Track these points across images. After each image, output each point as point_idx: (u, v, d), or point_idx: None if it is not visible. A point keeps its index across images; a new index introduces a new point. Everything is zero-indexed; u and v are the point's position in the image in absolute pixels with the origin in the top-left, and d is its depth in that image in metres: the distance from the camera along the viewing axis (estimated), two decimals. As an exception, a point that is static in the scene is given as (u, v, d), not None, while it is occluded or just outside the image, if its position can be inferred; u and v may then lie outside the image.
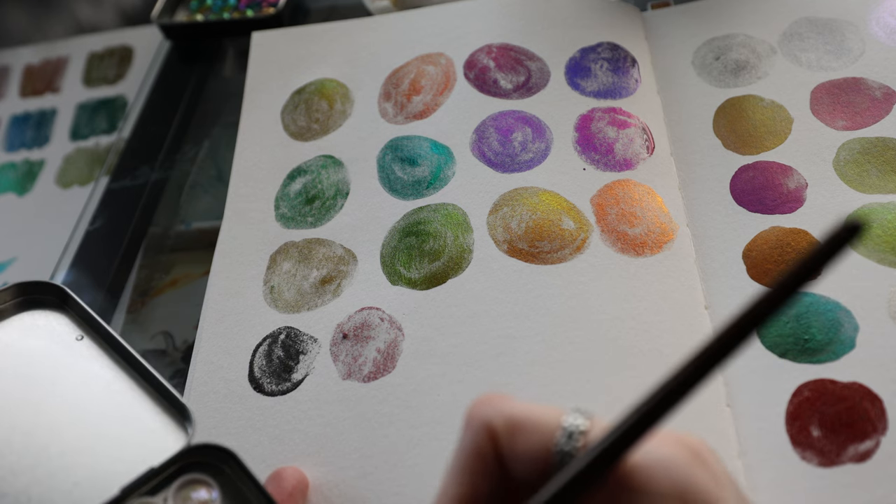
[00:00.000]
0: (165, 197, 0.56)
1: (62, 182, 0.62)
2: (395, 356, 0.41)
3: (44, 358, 0.35)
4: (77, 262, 0.53)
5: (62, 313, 0.36)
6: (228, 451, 0.31)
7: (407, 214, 0.46)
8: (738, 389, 0.38)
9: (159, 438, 0.33)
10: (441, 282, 0.43)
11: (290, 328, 0.43)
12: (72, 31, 0.74)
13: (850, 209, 0.43)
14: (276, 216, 0.49)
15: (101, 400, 0.34)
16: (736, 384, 0.38)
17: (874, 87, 0.47)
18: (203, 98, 0.62)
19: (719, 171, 0.46)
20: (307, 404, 0.40)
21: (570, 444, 0.25)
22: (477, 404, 0.28)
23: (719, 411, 0.37)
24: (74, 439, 0.32)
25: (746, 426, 0.37)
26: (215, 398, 0.42)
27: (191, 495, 0.31)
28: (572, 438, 0.26)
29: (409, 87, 0.53)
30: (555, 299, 0.41)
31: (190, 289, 0.50)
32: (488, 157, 0.48)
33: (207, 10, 0.66)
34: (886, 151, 0.45)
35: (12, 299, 0.36)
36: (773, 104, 0.48)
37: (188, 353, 0.45)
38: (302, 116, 0.53)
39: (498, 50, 0.53)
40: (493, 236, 0.44)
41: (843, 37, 0.50)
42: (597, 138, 0.47)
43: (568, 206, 0.45)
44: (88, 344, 0.35)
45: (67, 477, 0.31)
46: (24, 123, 0.67)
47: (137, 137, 0.61)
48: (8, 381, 0.34)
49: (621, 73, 0.50)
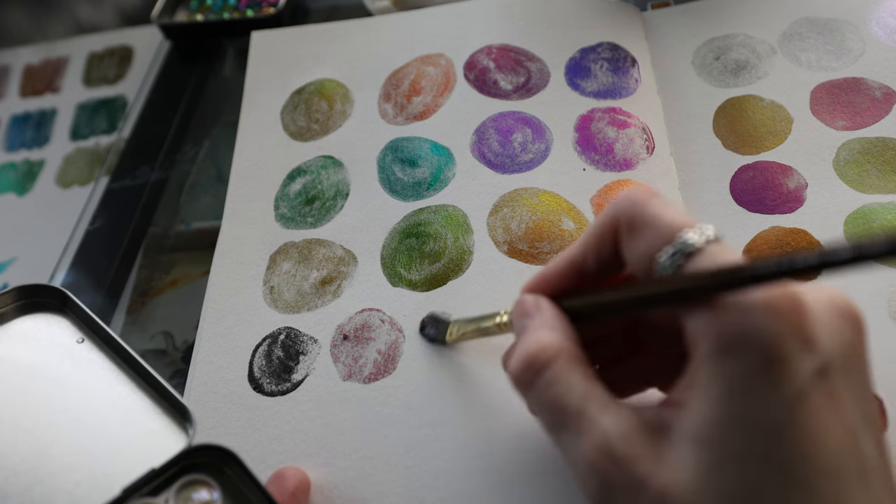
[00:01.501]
0: (165, 197, 0.56)
1: (62, 182, 0.62)
2: (396, 358, 0.41)
3: (45, 361, 0.35)
4: (77, 263, 0.53)
5: (63, 316, 0.37)
6: (229, 451, 0.31)
7: (407, 216, 0.46)
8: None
9: (160, 439, 0.33)
10: (441, 283, 0.43)
11: (290, 328, 0.44)
12: (72, 31, 0.74)
13: (850, 209, 0.43)
14: (276, 216, 0.49)
15: (102, 401, 0.34)
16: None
17: (874, 87, 0.47)
18: (203, 98, 0.62)
19: (719, 171, 0.46)
20: (307, 405, 0.40)
21: (670, 260, 0.27)
22: (622, 196, 0.29)
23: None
24: (76, 440, 0.32)
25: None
26: (215, 398, 0.42)
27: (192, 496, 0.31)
28: (676, 256, 0.27)
29: (410, 87, 0.53)
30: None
31: (190, 289, 0.51)
32: (488, 158, 0.48)
33: (207, 10, 0.66)
34: (886, 151, 0.45)
35: (13, 303, 0.37)
36: (773, 104, 0.48)
37: (188, 353, 0.45)
38: (302, 116, 0.53)
39: (498, 51, 0.53)
40: (493, 237, 0.44)
41: (843, 37, 0.50)
42: (597, 138, 0.47)
43: (568, 206, 0.45)
44: (89, 346, 0.36)
45: (69, 477, 0.31)
46: (24, 123, 0.67)
47: (137, 137, 0.61)
48: (10, 383, 0.34)
49: (621, 73, 0.50)
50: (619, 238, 0.29)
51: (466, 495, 0.36)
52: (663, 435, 0.26)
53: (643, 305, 0.29)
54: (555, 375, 0.28)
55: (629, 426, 0.27)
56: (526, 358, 0.29)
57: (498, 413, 0.38)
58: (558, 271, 0.32)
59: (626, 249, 0.29)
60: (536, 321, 0.30)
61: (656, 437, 0.27)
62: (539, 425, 0.31)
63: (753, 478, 0.24)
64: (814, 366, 0.25)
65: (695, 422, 0.26)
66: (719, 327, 0.25)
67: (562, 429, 0.28)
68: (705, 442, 0.25)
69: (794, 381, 0.24)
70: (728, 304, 0.25)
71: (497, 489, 0.36)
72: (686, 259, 0.26)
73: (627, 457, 0.26)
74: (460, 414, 0.38)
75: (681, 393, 0.27)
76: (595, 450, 0.27)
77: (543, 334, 0.29)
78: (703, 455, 0.25)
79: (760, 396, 0.24)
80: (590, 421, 0.27)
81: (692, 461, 0.25)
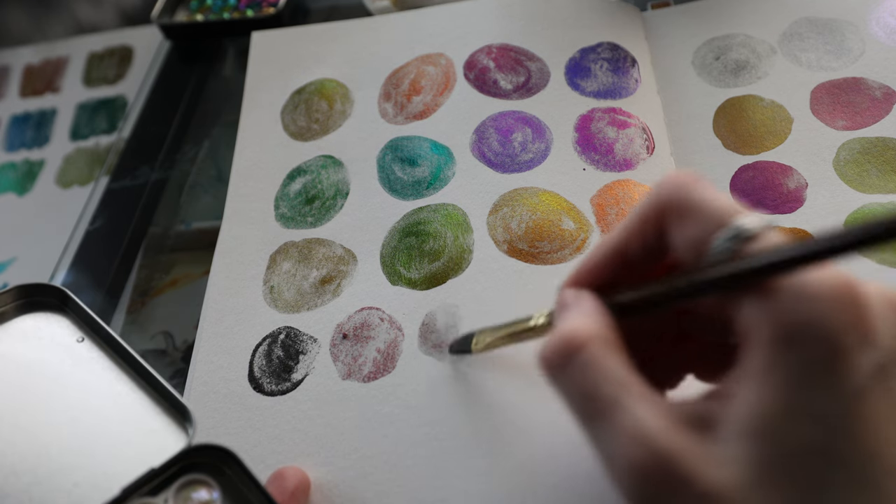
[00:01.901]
0: (165, 197, 0.56)
1: (62, 182, 0.62)
2: (395, 356, 0.41)
3: (45, 360, 0.35)
4: (77, 263, 0.53)
5: (63, 315, 0.37)
6: (229, 451, 0.31)
7: (407, 215, 0.46)
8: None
9: (160, 439, 0.33)
10: (441, 282, 0.43)
11: (290, 328, 0.44)
12: (72, 31, 0.74)
13: (850, 209, 0.43)
14: (276, 216, 0.49)
15: (101, 401, 0.34)
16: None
17: (874, 87, 0.47)
18: (203, 98, 0.62)
19: (719, 171, 0.46)
20: (307, 404, 0.40)
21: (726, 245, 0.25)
22: (668, 178, 0.28)
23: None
24: (75, 440, 0.32)
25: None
26: (215, 398, 0.42)
27: (191, 496, 0.31)
28: (733, 240, 0.25)
29: (409, 87, 0.53)
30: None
31: (190, 289, 0.51)
32: (488, 157, 0.48)
33: (207, 10, 0.66)
34: (886, 151, 0.45)
35: (13, 302, 0.36)
36: (773, 104, 0.48)
37: (188, 353, 0.45)
38: (302, 116, 0.53)
39: (498, 50, 0.53)
40: (493, 236, 0.44)
41: (843, 37, 0.50)
42: (597, 138, 0.47)
43: (568, 206, 0.45)
44: (89, 346, 0.35)
45: (68, 477, 0.31)
46: (24, 123, 0.67)
47: (137, 137, 0.61)
48: (9, 382, 0.34)
49: (621, 73, 0.50)
50: (667, 223, 0.28)
51: (466, 495, 0.36)
52: (709, 428, 0.25)
53: (698, 293, 0.26)
54: (589, 360, 0.26)
55: (671, 418, 0.25)
56: (559, 339, 0.27)
57: (498, 412, 0.38)
58: (600, 260, 0.30)
59: (676, 234, 0.27)
60: (574, 311, 0.28)
61: (701, 430, 0.25)
62: (561, 419, 0.29)
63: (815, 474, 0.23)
64: (874, 361, 0.23)
65: (749, 413, 0.24)
66: (780, 315, 0.24)
67: (595, 419, 0.26)
68: (761, 434, 0.23)
69: (856, 376, 0.23)
70: (789, 291, 0.24)
71: (497, 489, 0.36)
72: (743, 244, 0.25)
73: (670, 451, 0.24)
74: (460, 413, 0.38)
75: (730, 384, 0.25)
76: (633, 443, 0.24)
77: (579, 320, 0.27)
78: (758, 449, 0.23)
79: (824, 388, 0.23)
80: (627, 411, 0.25)
81: (745, 455, 0.24)
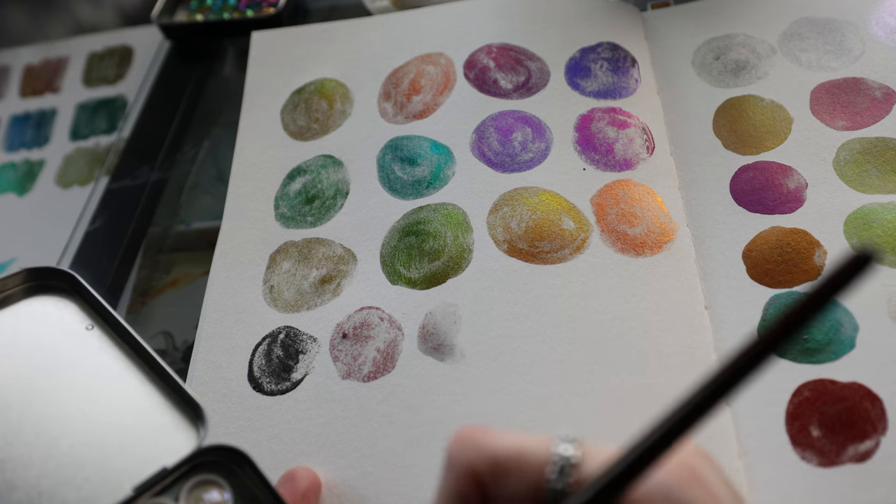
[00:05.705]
0: (165, 197, 0.56)
1: (62, 182, 0.62)
2: (395, 356, 0.41)
3: (53, 346, 0.34)
4: (77, 262, 0.53)
5: (71, 300, 0.35)
6: (242, 452, 0.31)
7: (407, 214, 0.46)
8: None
9: (170, 435, 0.32)
10: (441, 281, 0.43)
11: (290, 328, 0.43)
12: (72, 31, 0.74)
13: (850, 209, 0.43)
14: (276, 216, 0.49)
15: (111, 393, 0.33)
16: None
17: (874, 87, 0.47)
18: (203, 98, 0.62)
19: (719, 171, 0.46)
20: (306, 404, 0.40)
21: (562, 480, 0.25)
22: (457, 443, 0.26)
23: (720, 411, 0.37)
24: (85, 433, 0.31)
25: (746, 426, 0.37)
26: (215, 398, 0.42)
27: (203, 496, 0.30)
28: (564, 474, 0.25)
29: (409, 86, 0.53)
30: (555, 299, 0.41)
31: (190, 289, 0.50)
32: (488, 156, 0.48)
33: (207, 10, 0.66)
34: (886, 151, 0.45)
35: (21, 284, 0.35)
36: (773, 104, 0.48)
37: (188, 353, 0.45)
38: (302, 116, 0.53)
39: (498, 50, 0.53)
40: (492, 236, 0.44)
41: (843, 37, 0.50)
42: (597, 138, 0.47)
43: (568, 206, 0.45)
44: (98, 334, 0.34)
45: (78, 472, 0.30)
46: (24, 123, 0.67)
47: (137, 137, 0.61)
48: (19, 365, 0.33)
49: (621, 73, 0.50)
50: (485, 486, 0.26)
51: (466, 494, 0.36)
52: None
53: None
54: None
55: None
56: None
57: (497, 412, 0.38)
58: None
59: (500, 491, 0.26)
60: None
61: None
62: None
63: None
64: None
65: None
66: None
67: None
68: None
69: None
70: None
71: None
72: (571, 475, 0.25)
73: None
74: (459, 413, 0.38)
75: None
76: None
77: None
78: None
79: None
80: None
81: None
